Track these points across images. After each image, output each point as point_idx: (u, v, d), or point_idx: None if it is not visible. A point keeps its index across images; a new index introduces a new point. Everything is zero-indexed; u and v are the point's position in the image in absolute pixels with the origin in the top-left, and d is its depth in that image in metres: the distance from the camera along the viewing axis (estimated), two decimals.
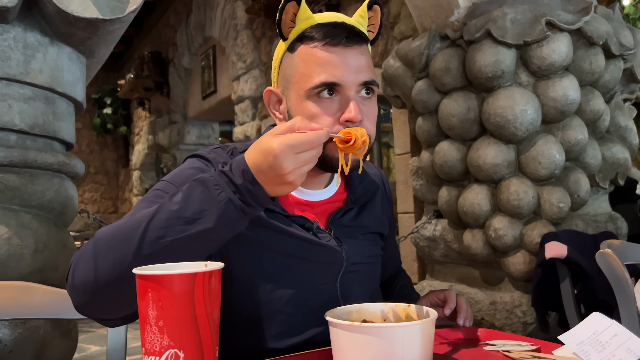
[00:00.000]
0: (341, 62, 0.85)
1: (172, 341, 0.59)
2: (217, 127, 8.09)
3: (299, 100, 0.88)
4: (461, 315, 0.97)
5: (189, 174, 0.88)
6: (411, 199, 3.42)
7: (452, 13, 2.54)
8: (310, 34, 0.87)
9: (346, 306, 0.80)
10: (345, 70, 0.85)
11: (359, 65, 0.87)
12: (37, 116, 1.60)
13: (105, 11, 1.57)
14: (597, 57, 2.32)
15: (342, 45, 0.86)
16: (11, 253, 1.48)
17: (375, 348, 0.66)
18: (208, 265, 0.65)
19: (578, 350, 0.71)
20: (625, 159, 2.52)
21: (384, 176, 1.16)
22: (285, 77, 0.91)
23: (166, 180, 0.88)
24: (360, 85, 0.87)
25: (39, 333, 1.53)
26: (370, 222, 1.04)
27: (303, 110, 0.87)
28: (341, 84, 0.85)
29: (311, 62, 0.86)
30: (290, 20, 0.88)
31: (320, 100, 0.86)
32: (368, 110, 0.88)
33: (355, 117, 0.84)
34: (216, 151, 0.94)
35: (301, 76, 0.87)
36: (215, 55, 6.63)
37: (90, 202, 10.07)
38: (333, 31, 0.86)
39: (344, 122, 0.85)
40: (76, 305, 0.76)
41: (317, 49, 0.86)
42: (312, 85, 0.86)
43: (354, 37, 0.87)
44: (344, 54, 0.86)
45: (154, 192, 0.86)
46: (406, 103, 2.86)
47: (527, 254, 2.34)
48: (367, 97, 0.89)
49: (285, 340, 0.91)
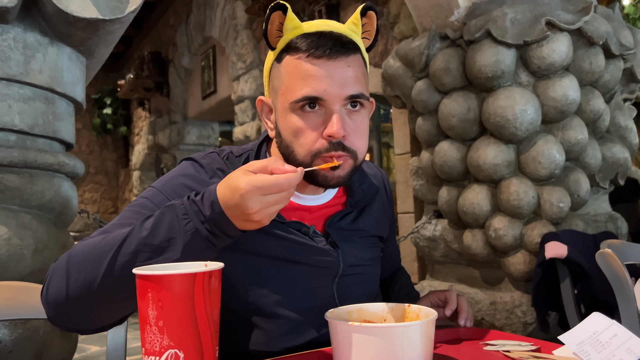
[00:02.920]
0: (325, 75, 0.82)
1: (172, 341, 0.59)
2: (217, 127, 8.08)
3: (284, 112, 0.86)
4: (462, 316, 0.97)
5: (179, 182, 0.88)
6: (411, 199, 3.42)
7: (452, 13, 2.54)
8: (295, 44, 0.84)
9: (346, 306, 0.80)
10: (329, 84, 0.82)
11: (344, 78, 0.83)
12: (37, 116, 1.60)
13: (105, 11, 1.57)
14: (597, 57, 2.32)
15: (326, 57, 0.82)
16: (11, 253, 1.48)
17: (375, 348, 0.66)
18: (208, 265, 0.65)
19: (578, 350, 0.71)
20: (625, 159, 2.52)
21: (385, 176, 1.15)
22: (274, 88, 0.89)
23: (156, 187, 0.89)
24: (345, 99, 0.83)
25: (39, 333, 1.53)
26: (369, 225, 1.03)
27: (287, 123, 0.85)
28: (324, 99, 0.82)
29: (295, 74, 0.84)
30: (277, 30, 0.85)
31: (304, 114, 0.84)
32: (354, 124, 0.85)
33: (337, 132, 0.81)
34: (211, 156, 0.93)
35: (286, 88, 0.85)
36: (215, 55, 6.63)
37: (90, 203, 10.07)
38: (318, 42, 0.83)
39: (326, 138, 0.83)
40: (49, 317, 0.79)
41: (301, 60, 0.83)
42: (294, 99, 0.83)
43: (339, 48, 0.83)
44: (328, 66, 0.82)
45: (141, 201, 0.87)
46: (406, 103, 2.86)
47: (527, 254, 2.34)
48: (354, 110, 0.85)
49: (282, 342, 0.91)
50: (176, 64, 7.57)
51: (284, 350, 0.90)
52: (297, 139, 0.85)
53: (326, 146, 0.83)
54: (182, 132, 7.66)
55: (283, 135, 0.87)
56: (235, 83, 5.85)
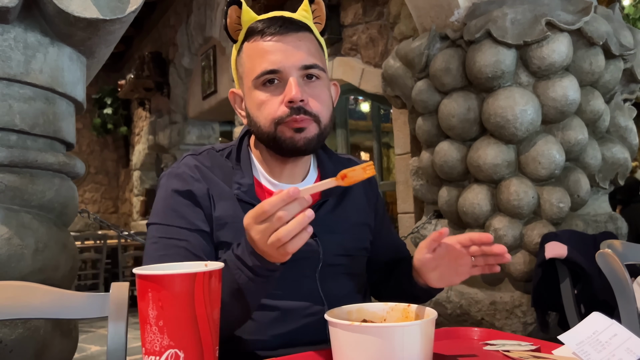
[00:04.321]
0: (279, 49, 0.89)
1: (172, 341, 0.59)
2: (217, 127, 8.08)
3: (249, 92, 0.93)
4: (474, 239, 0.86)
5: (172, 204, 0.92)
6: (411, 199, 3.42)
7: (452, 13, 2.54)
8: (251, 30, 0.92)
9: (346, 306, 0.80)
10: (284, 57, 0.89)
11: (297, 51, 0.90)
12: (37, 116, 1.60)
13: (105, 11, 1.57)
14: (597, 57, 2.32)
15: (278, 34, 0.90)
16: (11, 253, 1.48)
17: (375, 348, 0.66)
18: (208, 265, 0.65)
19: (578, 350, 0.71)
20: (625, 159, 2.52)
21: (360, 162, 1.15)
22: (240, 75, 0.97)
23: (158, 223, 0.92)
24: (300, 69, 0.90)
25: (39, 333, 1.54)
26: (351, 213, 1.03)
27: (253, 100, 0.92)
28: (280, 70, 0.89)
29: (254, 55, 0.91)
30: (235, 24, 0.93)
31: (266, 88, 0.91)
32: (313, 91, 0.91)
33: (295, 96, 0.87)
34: (184, 162, 0.97)
35: (248, 70, 0.93)
36: (215, 55, 6.63)
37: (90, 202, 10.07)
38: (269, 22, 0.91)
39: (287, 104, 0.89)
40: None
41: (257, 42, 0.91)
42: (255, 75, 0.90)
43: (289, 25, 0.91)
44: (281, 41, 0.90)
45: (159, 243, 0.90)
46: (406, 103, 2.87)
47: (527, 254, 2.34)
48: (310, 80, 0.92)
49: (270, 330, 0.93)
50: (176, 64, 7.58)
51: (272, 337, 0.92)
52: (262, 112, 0.91)
53: (287, 112, 0.89)
54: (183, 132, 7.66)
55: (250, 114, 0.94)
56: None
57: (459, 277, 0.89)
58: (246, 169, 0.97)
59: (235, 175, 0.96)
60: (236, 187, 0.94)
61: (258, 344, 0.92)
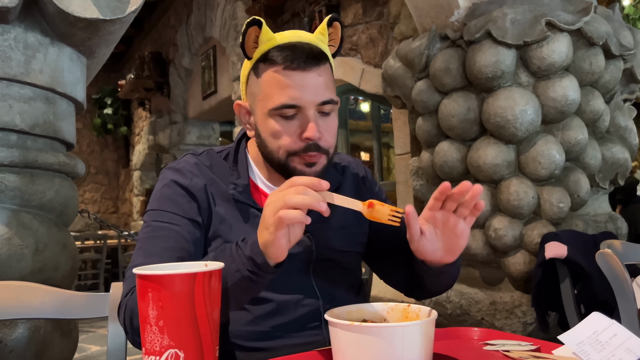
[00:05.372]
0: (300, 85, 0.92)
1: (172, 341, 0.59)
2: (218, 128, 8.08)
3: (263, 117, 0.95)
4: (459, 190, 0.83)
5: (169, 194, 0.96)
6: (411, 199, 3.41)
7: (452, 13, 2.54)
8: (272, 57, 0.93)
9: (346, 306, 0.80)
10: (304, 93, 0.92)
11: (316, 86, 0.93)
12: (37, 116, 1.60)
13: (105, 11, 1.57)
14: (597, 58, 2.32)
15: (300, 69, 0.92)
16: (12, 253, 1.48)
17: (375, 348, 0.66)
18: (208, 265, 0.65)
19: (578, 350, 0.71)
20: (625, 159, 2.52)
21: (359, 164, 1.16)
22: (252, 94, 0.98)
23: (154, 208, 0.96)
24: (318, 105, 0.93)
25: (39, 333, 1.54)
26: (343, 211, 1.00)
27: (267, 126, 0.95)
28: (300, 106, 0.92)
29: (273, 84, 0.93)
30: (253, 42, 0.94)
31: (282, 119, 0.93)
32: (327, 125, 0.95)
33: (314, 135, 0.92)
34: (184, 159, 1.02)
35: (265, 96, 0.94)
36: (215, 55, 6.63)
37: (90, 202, 10.07)
38: (292, 55, 0.92)
39: (304, 140, 0.93)
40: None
41: (278, 73, 0.92)
42: (273, 106, 0.92)
43: (312, 60, 0.93)
44: (302, 77, 0.92)
45: (153, 224, 0.94)
46: (406, 103, 2.87)
47: (527, 254, 2.34)
48: (325, 113, 0.95)
49: (266, 321, 0.95)
50: (177, 64, 7.58)
51: (269, 328, 0.95)
52: (276, 141, 0.95)
53: (302, 147, 0.93)
54: (183, 132, 7.66)
55: (262, 137, 0.97)
56: (236, 83, 5.85)
57: (462, 238, 0.86)
58: (242, 171, 1.01)
59: (231, 175, 1.00)
60: (232, 187, 0.98)
61: (255, 335, 0.95)
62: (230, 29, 5.95)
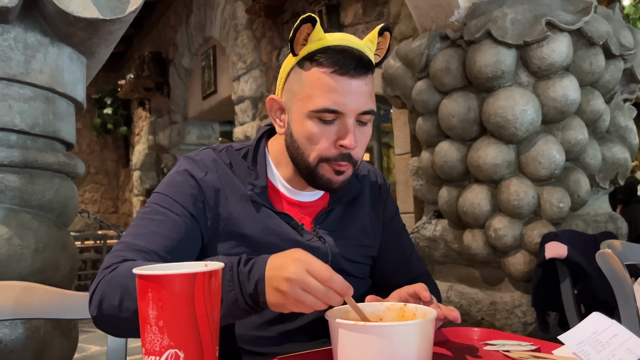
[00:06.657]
0: (345, 91, 0.90)
1: (172, 341, 0.59)
2: (218, 127, 8.09)
3: (301, 117, 0.93)
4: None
5: (179, 181, 0.94)
6: (411, 199, 3.42)
7: (452, 13, 2.54)
8: (320, 58, 0.91)
9: (345, 306, 0.80)
10: (348, 100, 0.90)
11: (361, 95, 0.91)
12: (37, 116, 1.60)
13: (105, 11, 1.57)
14: (597, 57, 2.32)
15: (349, 75, 0.90)
16: (11, 253, 1.48)
17: (376, 347, 0.66)
18: (208, 265, 0.65)
19: (578, 350, 0.71)
20: (625, 159, 2.52)
21: (378, 172, 1.16)
22: (291, 90, 0.95)
23: (160, 192, 0.94)
24: (360, 114, 0.92)
25: (39, 333, 1.54)
26: (358, 220, 1.06)
27: (303, 127, 0.93)
28: (342, 112, 0.90)
29: (318, 85, 0.91)
30: (303, 39, 0.92)
31: (321, 122, 0.91)
32: (362, 137, 0.95)
33: (351, 145, 0.91)
34: (205, 152, 1.00)
35: (306, 95, 0.92)
36: (215, 55, 6.63)
37: (90, 202, 10.08)
38: (342, 60, 0.90)
39: (339, 147, 0.92)
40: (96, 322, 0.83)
41: (325, 75, 0.90)
42: (315, 108, 0.90)
43: (361, 68, 0.91)
44: (349, 84, 0.90)
45: (152, 207, 0.92)
46: (406, 103, 2.87)
47: (527, 254, 2.34)
48: (363, 123, 0.94)
49: (275, 327, 0.95)
50: (176, 64, 7.58)
51: (277, 334, 0.95)
52: (311, 144, 0.93)
53: (336, 154, 0.92)
54: (183, 132, 7.67)
55: (295, 137, 0.95)
56: (236, 83, 5.85)
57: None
58: (261, 171, 0.99)
59: (250, 176, 0.98)
60: (250, 188, 0.97)
61: (262, 340, 0.94)
62: (230, 29, 5.95)
